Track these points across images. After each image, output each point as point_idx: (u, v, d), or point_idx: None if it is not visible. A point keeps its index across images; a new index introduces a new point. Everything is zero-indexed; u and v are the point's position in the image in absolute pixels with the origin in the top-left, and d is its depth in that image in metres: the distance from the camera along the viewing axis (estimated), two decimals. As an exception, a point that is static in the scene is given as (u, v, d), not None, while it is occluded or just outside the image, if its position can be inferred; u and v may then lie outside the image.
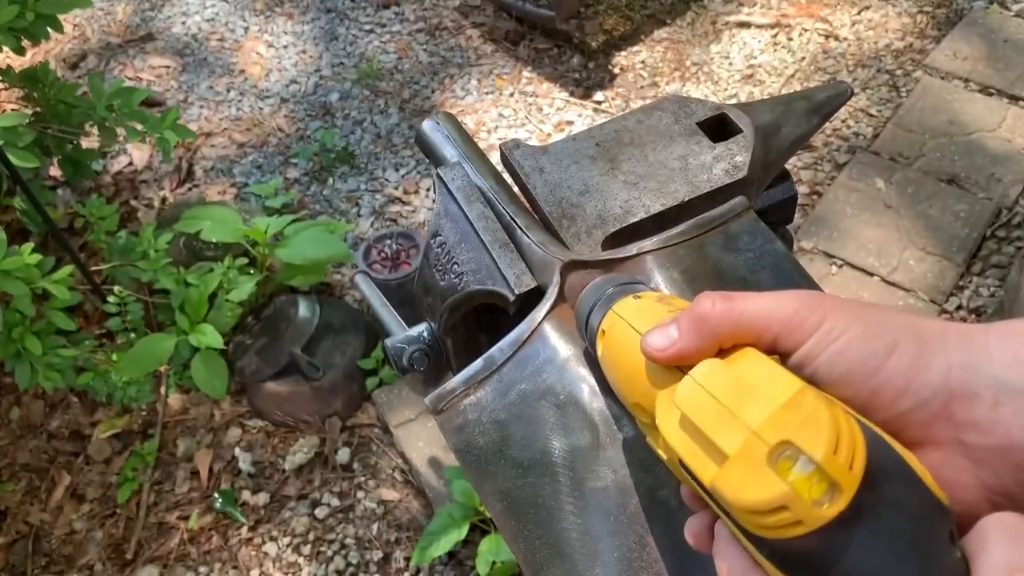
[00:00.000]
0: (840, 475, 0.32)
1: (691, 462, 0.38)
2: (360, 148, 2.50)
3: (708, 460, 0.37)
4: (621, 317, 0.48)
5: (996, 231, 2.13)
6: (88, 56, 2.81)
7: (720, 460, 0.36)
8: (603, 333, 0.50)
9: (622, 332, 0.47)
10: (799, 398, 0.35)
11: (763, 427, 0.34)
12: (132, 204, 2.37)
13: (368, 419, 1.96)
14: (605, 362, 0.50)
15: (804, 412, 0.34)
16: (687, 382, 0.40)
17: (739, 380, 0.38)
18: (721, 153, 0.73)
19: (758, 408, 0.35)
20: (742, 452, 0.35)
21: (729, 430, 0.36)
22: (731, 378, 0.38)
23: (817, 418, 0.34)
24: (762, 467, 0.33)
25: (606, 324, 0.50)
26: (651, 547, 0.53)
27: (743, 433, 0.35)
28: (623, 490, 0.55)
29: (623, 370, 0.46)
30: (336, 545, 1.80)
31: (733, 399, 0.37)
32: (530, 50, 2.73)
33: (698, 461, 0.37)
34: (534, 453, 0.57)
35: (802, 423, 0.34)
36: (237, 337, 1.97)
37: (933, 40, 2.63)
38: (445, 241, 0.71)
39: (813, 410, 0.34)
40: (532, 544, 0.56)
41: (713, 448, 0.36)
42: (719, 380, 0.39)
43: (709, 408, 0.38)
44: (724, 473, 0.35)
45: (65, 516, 1.87)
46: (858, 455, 0.33)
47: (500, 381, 0.60)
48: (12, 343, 1.56)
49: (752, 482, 0.33)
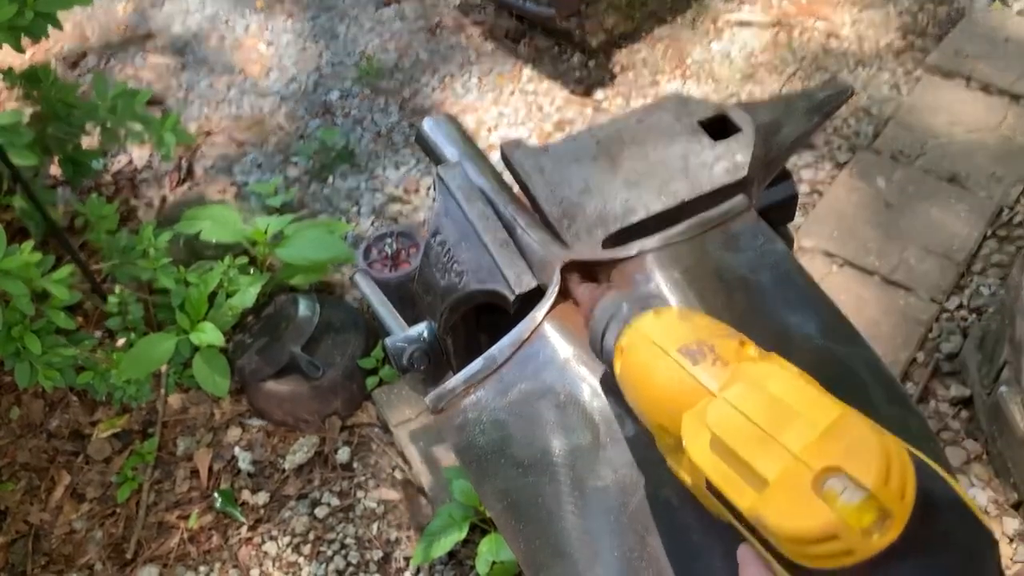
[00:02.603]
0: (892, 503, 0.31)
1: (724, 486, 0.36)
2: (360, 147, 2.50)
3: (745, 485, 0.35)
4: (642, 333, 0.46)
5: (997, 230, 2.13)
6: (88, 55, 2.80)
7: (759, 485, 0.34)
8: (621, 350, 0.48)
9: (644, 349, 0.45)
10: (844, 422, 0.34)
11: (806, 452, 0.33)
12: (132, 203, 2.37)
13: (368, 418, 1.96)
14: (624, 380, 0.48)
15: (850, 437, 0.33)
16: (720, 403, 0.38)
17: (776, 402, 0.36)
18: (722, 152, 0.73)
19: (799, 432, 0.34)
20: (784, 478, 0.33)
21: (769, 454, 0.34)
22: (767, 399, 0.37)
23: (865, 444, 0.32)
24: (807, 494, 0.32)
25: (624, 341, 0.48)
26: (651, 546, 0.53)
27: (784, 458, 0.33)
28: (623, 489, 0.55)
29: (645, 389, 0.45)
30: (336, 545, 1.80)
31: (771, 422, 0.35)
32: (530, 48, 2.73)
33: (732, 485, 0.36)
34: (534, 452, 0.57)
35: (849, 449, 0.32)
36: (237, 336, 1.97)
37: (934, 39, 2.63)
38: (445, 240, 0.71)
39: (860, 435, 0.33)
40: (532, 543, 0.56)
41: (751, 473, 0.35)
42: (755, 401, 0.37)
43: (745, 431, 0.36)
44: (766, 499, 0.33)
45: (65, 515, 1.87)
46: (909, 483, 0.32)
47: (500, 380, 0.60)
48: (12, 342, 1.55)
49: (798, 509, 0.32)
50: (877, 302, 2.00)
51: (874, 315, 1.98)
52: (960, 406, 1.85)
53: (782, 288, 0.64)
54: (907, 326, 1.96)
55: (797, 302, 0.64)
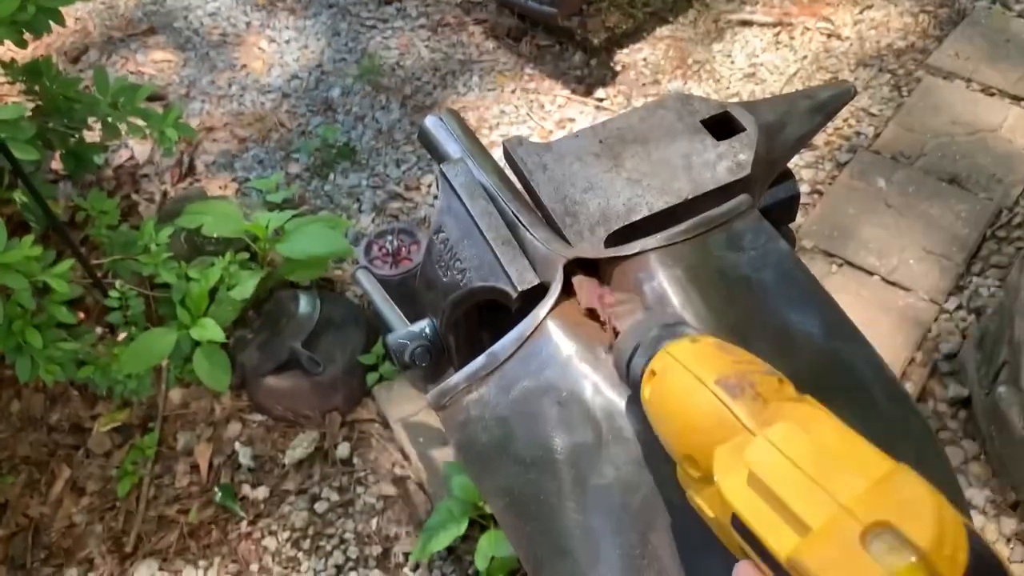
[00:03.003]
0: (945, 568, 0.29)
1: (758, 526, 0.35)
2: (361, 144, 2.50)
3: (784, 528, 0.33)
4: (677, 360, 0.45)
5: (996, 231, 2.13)
6: (90, 50, 2.80)
7: (801, 531, 0.33)
8: (652, 374, 0.46)
9: (679, 376, 0.44)
10: (896, 477, 0.32)
11: (855, 502, 0.31)
12: (133, 198, 2.37)
13: (368, 414, 1.96)
14: (654, 406, 0.46)
15: (903, 493, 0.31)
16: (762, 443, 0.37)
17: (822, 448, 0.35)
18: (724, 151, 0.73)
19: (847, 481, 0.32)
20: (830, 527, 0.31)
21: (813, 500, 0.33)
22: (812, 444, 0.35)
23: (919, 502, 0.31)
24: (855, 548, 0.30)
25: (657, 365, 0.46)
26: (653, 544, 0.53)
27: (830, 506, 0.32)
28: (625, 487, 0.55)
29: (677, 418, 0.43)
30: (335, 540, 1.80)
31: (816, 467, 0.34)
32: (532, 47, 2.73)
33: (768, 527, 0.34)
34: (536, 450, 0.57)
35: (901, 505, 0.31)
36: (238, 332, 1.97)
37: (935, 40, 2.63)
38: (448, 237, 0.71)
39: (914, 493, 0.31)
40: (534, 540, 0.56)
41: (791, 517, 0.33)
42: (799, 445, 0.36)
43: (788, 473, 0.34)
44: (809, 546, 0.32)
45: (65, 509, 1.87)
46: (961, 548, 0.30)
47: (503, 378, 0.60)
48: (13, 336, 1.56)
49: (844, 563, 0.30)
50: (877, 302, 2.01)
51: (873, 315, 1.98)
52: (958, 406, 1.85)
53: (784, 287, 0.64)
54: (906, 326, 1.96)
55: (799, 301, 0.64)
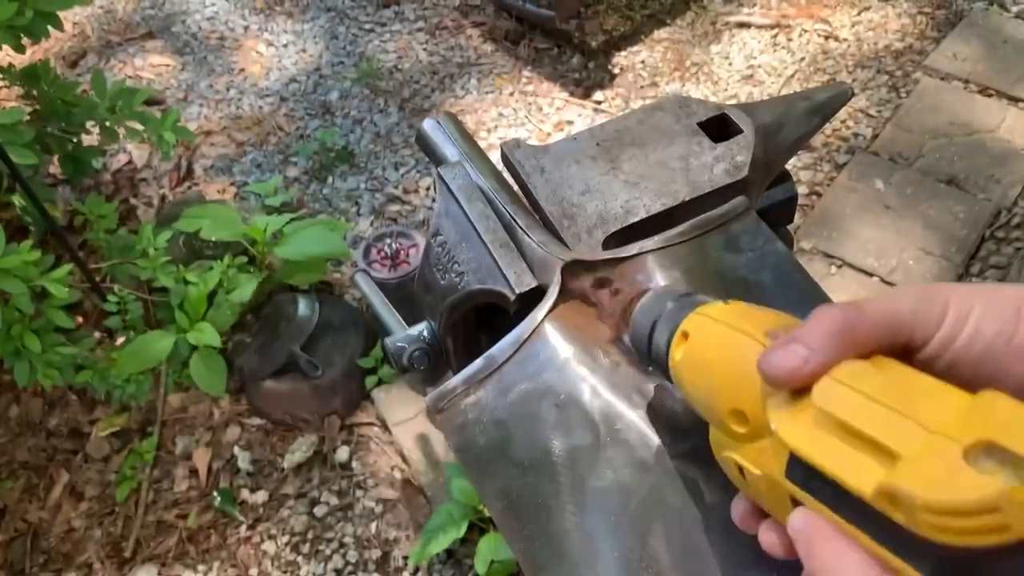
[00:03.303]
0: None
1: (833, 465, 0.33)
2: (360, 147, 2.50)
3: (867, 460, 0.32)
4: (715, 319, 0.43)
5: (995, 232, 2.14)
6: (88, 54, 2.80)
7: (888, 462, 0.32)
8: (685, 336, 0.45)
9: (718, 332, 0.43)
10: (987, 399, 0.31)
11: (950, 427, 0.30)
12: (131, 202, 2.37)
13: (367, 418, 1.96)
14: (688, 366, 0.45)
15: (1000, 413, 0.31)
16: (829, 383, 0.36)
17: (897, 384, 0.34)
18: (722, 153, 0.73)
19: (934, 408, 0.32)
20: (924, 452, 0.30)
21: (900, 430, 0.32)
22: (886, 381, 0.35)
23: (1021, 418, 0.30)
24: (958, 466, 0.29)
25: (691, 326, 0.45)
26: (652, 547, 0.53)
27: (921, 433, 0.31)
28: (624, 490, 0.55)
29: (721, 372, 0.42)
30: (335, 544, 1.80)
31: (896, 400, 0.33)
32: (530, 50, 2.73)
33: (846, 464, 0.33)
34: (535, 453, 0.57)
35: (1002, 424, 0.30)
36: (236, 335, 1.97)
37: (933, 41, 2.64)
38: (446, 240, 0.71)
39: (1011, 409, 0.31)
40: (532, 543, 0.56)
41: (876, 449, 0.32)
42: (871, 382, 0.35)
43: (867, 408, 0.33)
44: (903, 472, 0.31)
45: (64, 514, 1.87)
46: None
47: (501, 380, 0.60)
48: (11, 341, 1.55)
49: (951, 480, 0.29)
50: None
51: (872, 316, 1.98)
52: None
53: (783, 288, 0.64)
54: (905, 327, 1.96)
55: (798, 302, 0.64)
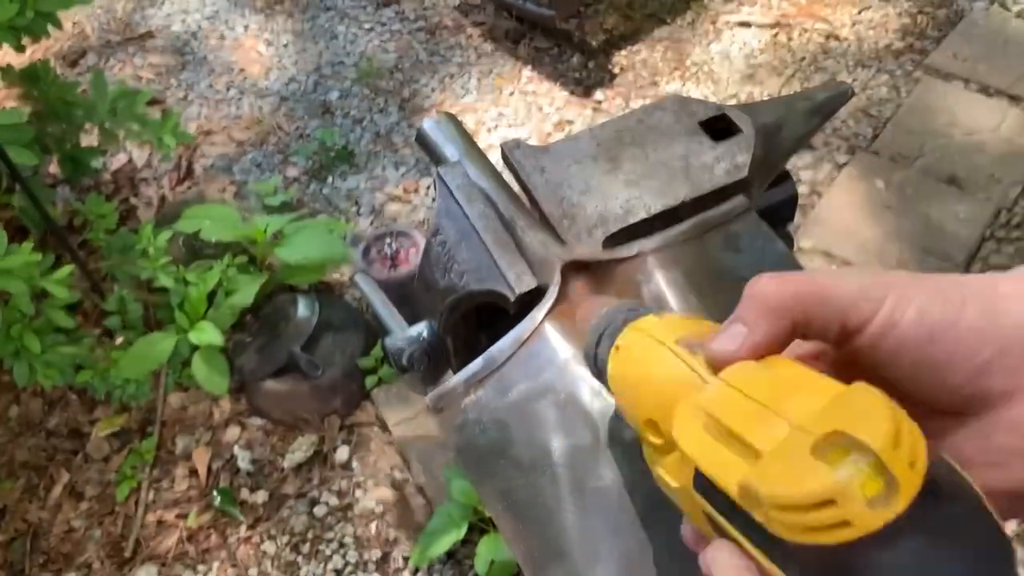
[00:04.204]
0: (900, 472, 0.27)
1: (712, 469, 0.33)
2: (360, 147, 2.50)
3: (738, 460, 0.32)
4: (642, 331, 0.44)
5: (996, 232, 2.13)
6: (88, 54, 2.80)
7: (753, 458, 0.31)
8: (617, 349, 0.45)
9: (642, 345, 0.43)
10: (852, 392, 0.31)
11: (809, 420, 0.30)
12: (131, 202, 2.37)
13: (367, 417, 1.96)
14: (616, 381, 0.45)
15: (859, 406, 0.30)
16: (716, 384, 0.36)
17: (778, 379, 0.34)
18: (722, 153, 0.73)
19: (802, 403, 0.31)
20: (783, 447, 0.30)
21: (766, 426, 0.31)
22: (769, 378, 0.35)
23: (875, 409, 0.29)
24: (807, 459, 0.29)
25: (621, 340, 0.45)
26: (652, 547, 0.53)
27: (783, 428, 0.31)
28: (624, 490, 0.55)
29: (638, 383, 0.42)
30: (335, 544, 1.80)
31: (772, 397, 0.32)
32: (530, 49, 2.73)
33: (721, 466, 0.33)
34: (535, 453, 0.57)
35: (856, 414, 0.29)
36: (236, 335, 1.97)
37: (933, 40, 2.63)
38: (445, 240, 0.71)
39: (869, 402, 0.30)
40: (532, 544, 0.56)
41: (744, 447, 0.32)
42: (754, 380, 0.35)
43: (742, 407, 0.33)
44: (759, 469, 0.30)
45: (64, 514, 1.87)
46: (920, 453, 0.28)
47: (500, 380, 0.60)
48: (11, 341, 1.55)
49: (795, 474, 0.29)
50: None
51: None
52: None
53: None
54: (906, 327, 1.96)
55: (797, 303, 0.64)
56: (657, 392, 0.40)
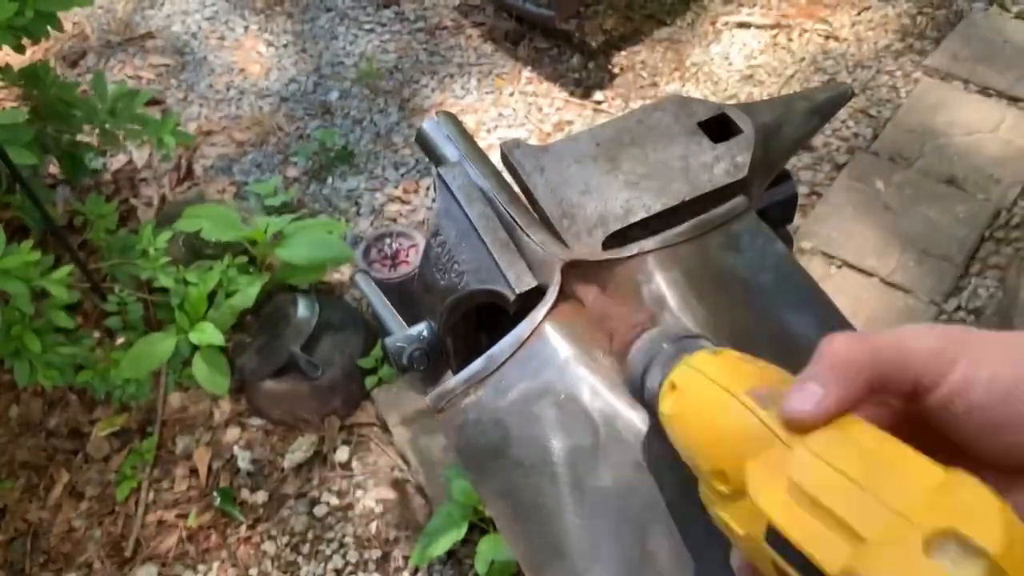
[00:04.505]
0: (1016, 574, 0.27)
1: (802, 539, 0.32)
2: (360, 147, 2.50)
3: (833, 538, 0.31)
4: (701, 372, 0.43)
5: (995, 232, 2.14)
6: (88, 54, 2.80)
7: (854, 542, 0.31)
8: (673, 388, 0.45)
9: (704, 389, 0.42)
10: (955, 480, 0.30)
11: (914, 511, 0.29)
12: (131, 202, 2.37)
13: (367, 418, 1.96)
14: (676, 421, 0.44)
15: (965, 498, 0.30)
16: (802, 452, 0.35)
17: (868, 454, 0.34)
18: (722, 153, 0.73)
19: (902, 488, 0.31)
20: (887, 536, 0.30)
21: (865, 509, 0.31)
22: (858, 452, 0.34)
23: (984, 505, 0.29)
24: (917, 556, 0.28)
25: (679, 379, 0.45)
26: (652, 547, 0.53)
27: (885, 515, 0.30)
28: (624, 490, 0.55)
29: (705, 431, 0.41)
30: (335, 544, 1.80)
31: (866, 475, 0.32)
32: (530, 50, 2.73)
33: (815, 539, 0.32)
34: (535, 453, 0.57)
35: (965, 510, 0.29)
36: (236, 335, 1.97)
37: (933, 41, 2.64)
38: (446, 240, 0.71)
39: (977, 496, 0.30)
40: (532, 544, 0.56)
41: (841, 527, 0.31)
42: (843, 453, 0.34)
43: (834, 482, 0.33)
44: (864, 557, 0.30)
45: (64, 514, 1.87)
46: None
47: (500, 380, 0.60)
48: (11, 341, 1.55)
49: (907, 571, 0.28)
50: (876, 303, 2.01)
51: (873, 316, 1.98)
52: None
53: (783, 289, 0.64)
54: (905, 328, 1.96)
55: (798, 303, 0.64)
56: (725, 442, 0.39)
